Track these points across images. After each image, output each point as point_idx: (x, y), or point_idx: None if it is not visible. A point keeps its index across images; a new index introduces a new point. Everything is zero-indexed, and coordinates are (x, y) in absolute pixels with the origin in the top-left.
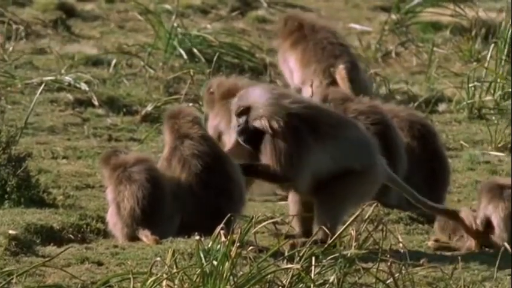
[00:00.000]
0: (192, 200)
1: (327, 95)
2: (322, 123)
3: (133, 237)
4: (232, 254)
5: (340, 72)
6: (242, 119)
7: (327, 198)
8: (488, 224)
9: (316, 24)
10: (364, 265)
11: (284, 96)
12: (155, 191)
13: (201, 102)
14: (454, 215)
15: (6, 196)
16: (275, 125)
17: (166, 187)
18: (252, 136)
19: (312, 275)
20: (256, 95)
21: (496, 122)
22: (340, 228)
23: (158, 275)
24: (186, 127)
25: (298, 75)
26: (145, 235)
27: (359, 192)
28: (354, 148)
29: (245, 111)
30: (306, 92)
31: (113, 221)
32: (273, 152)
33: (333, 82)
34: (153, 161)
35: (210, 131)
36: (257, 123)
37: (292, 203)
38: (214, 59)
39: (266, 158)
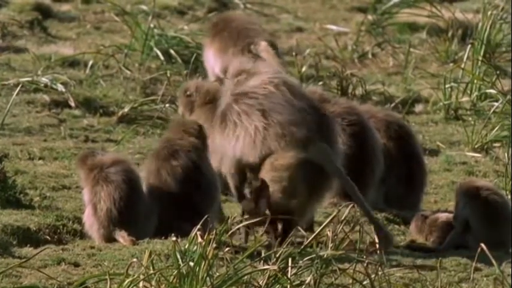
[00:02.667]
0: (168, 197)
1: None
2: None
3: (110, 238)
4: (209, 255)
5: (266, 48)
6: None
7: None
8: (466, 225)
9: (231, 16)
10: (341, 266)
11: None
12: (132, 192)
13: (177, 103)
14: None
15: None
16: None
17: (142, 188)
18: None
19: (289, 276)
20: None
21: (472, 123)
22: (317, 229)
23: (135, 276)
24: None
25: (218, 65)
26: (122, 236)
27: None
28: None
29: None
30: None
31: (90, 222)
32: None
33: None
34: (130, 162)
35: None
36: None
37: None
38: (192, 60)
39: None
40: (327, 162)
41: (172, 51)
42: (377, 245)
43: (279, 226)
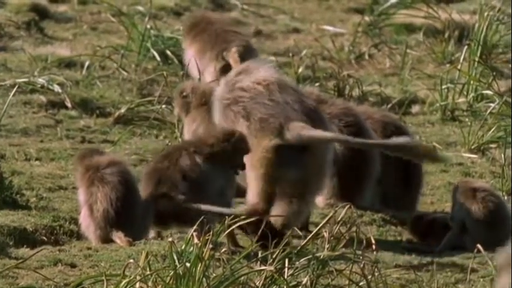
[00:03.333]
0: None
1: None
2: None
3: (106, 239)
4: (205, 255)
5: (233, 55)
6: None
7: None
8: (462, 226)
9: (212, 17)
10: (337, 267)
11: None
12: (128, 193)
13: (174, 104)
14: None
15: None
16: None
17: (138, 189)
18: None
19: (285, 277)
20: None
21: (469, 123)
22: (314, 230)
23: (131, 277)
24: None
25: (196, 68)
26: (118, 237)
27: None
28: None
29: None
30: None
31: (86, 223)
32: None
33: (226, 66)
34: (127, 163)
35: (188, 136)
36: None
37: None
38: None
39: None
40: (306, 136)
41: (168, 52)
42: (373, 246)
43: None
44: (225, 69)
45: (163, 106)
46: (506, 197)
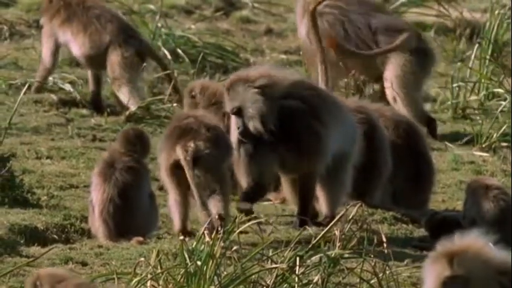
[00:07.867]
0: None
1: None
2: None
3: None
4: (216, 254)
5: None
6: (239, 121)
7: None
8: (473, 224)
9: (85, 1)
10: (349, 265)
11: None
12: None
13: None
14: None
15: None
16: (270, 126)
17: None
18: (252, 136)
19: (296, 275)
20: (245, 94)
21: (480, 122)
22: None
23: (142, 275)
24: None
25: (79, 47)
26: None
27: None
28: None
29: (238, 112)
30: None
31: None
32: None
33: None
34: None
35: None
36: (251, 125)
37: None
38: (199, 60)
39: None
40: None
41: (179, 51)
42: (385, 244)
43: None
44: None
45: (174, 104)
46: None
